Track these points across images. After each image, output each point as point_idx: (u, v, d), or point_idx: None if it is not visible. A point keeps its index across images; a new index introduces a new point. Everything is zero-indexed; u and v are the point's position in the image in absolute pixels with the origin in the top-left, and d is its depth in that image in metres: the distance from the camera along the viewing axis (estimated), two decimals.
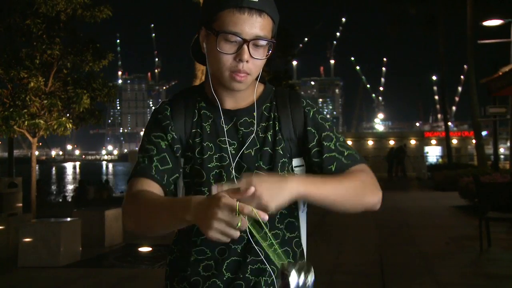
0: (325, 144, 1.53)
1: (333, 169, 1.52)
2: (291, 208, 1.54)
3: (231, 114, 1.55)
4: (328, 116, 1.57)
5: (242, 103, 1.56)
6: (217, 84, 1.53)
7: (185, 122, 1.56)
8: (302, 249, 1.62)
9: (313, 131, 1.55)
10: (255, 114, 1.54)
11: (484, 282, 6.05)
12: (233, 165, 1.50)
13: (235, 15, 1.40)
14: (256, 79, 1.54)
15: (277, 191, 1.26)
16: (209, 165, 1.50)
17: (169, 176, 1.50)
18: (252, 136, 1.52)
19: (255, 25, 1.41)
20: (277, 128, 1.55)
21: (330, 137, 1.54)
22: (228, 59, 1.43)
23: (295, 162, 1.56)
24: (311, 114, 1.57)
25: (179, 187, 1.56)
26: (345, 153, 1.54)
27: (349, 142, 1.64)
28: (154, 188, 1.47)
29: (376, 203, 1.52)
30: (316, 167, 1.54)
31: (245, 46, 1.41)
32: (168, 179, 1.50)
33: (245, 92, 1.54)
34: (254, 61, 1.45)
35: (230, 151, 1.51)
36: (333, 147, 1.53)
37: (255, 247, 1.45)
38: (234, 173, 1.49)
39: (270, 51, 1.50)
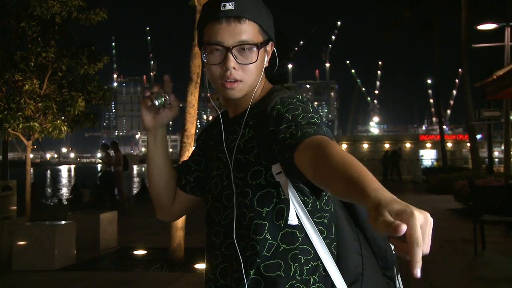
0: (280, 134, 1.30)
1: (281, 149, 1.28)
2: (273, 216, 1.41)
3: (229, 123, 1.58)
4: (311, 114, 1.35)
5: (238, 111, 1.57)
6: (222, 95, 1.56)
7: (208, 136, 1.68)
8: (311, 267, 1.42)
9: (274, 129, 1.34)
10: (241, 121, 1.52)
11: (479, 285, 6.06)
12: (226, 172, 1.52)
13: (215, 27, 1.43)
14: (261, 83, 1.54)
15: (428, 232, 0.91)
16: (212, 174, 1.60)
17: (193, 177, 1.72)
18: (235, 143, 1.51)
19: (235, 32, 1.43)
20: (250, 134, 1.46)
21: (289, 126, 1.30)
22: (216, 69, 1.46)
23: (275, 168, 1.36)
24: (276, 112, 1.38)
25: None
26: (305, 130, 1.26)
27: (344, 146, 1.60)
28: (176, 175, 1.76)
29: None
30: (277, 155, 1.31)
31: (229, 54, 1.42)
32: (190, 180, 1.73)
33: (243, 100, 1.53)
34: (244, 67, 1.45)
35: (223, 159, 1.54)
36: (288, 136, 1.27)
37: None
38: (226, 181, 1.52)
39: (269, 53, 1.52)
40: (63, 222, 7.71)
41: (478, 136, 24.31)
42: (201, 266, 6.75)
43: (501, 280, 6.32)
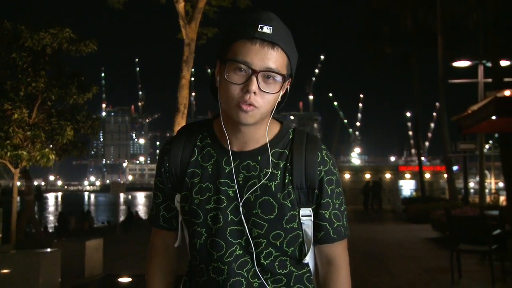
0: (321, 211, 1.49)
1: (319, 237, 1.51)
2: (296, 253, 1.53)
3: (235, 156, 1.48)
4: (336, 170, 1.54)
5: (249, 145, 1.48)
6: (226, 122, 1.47)
7: (181, 161, 1.53)
8: (314, 286, 1.60)
9: (318, 193, 1.49)
10: (259, 158, 1.46)
11: None
12: (231, 207, 1.45)
13: (246, 46, 1.36)
14: (269, 117, 1.48)
15: None
16: (206, 207, 1.46)
17: (176, 219, 1.59)
18: (252, 181, 1.45)
19: (267, 57, 1.36)
20: (286, 180, 1.47)
21: (328, 204, 1.50)
22: (235, 89, 1.37)
23: (303, 211, 1.50)
24: (321, 175, 1.49)
25: (184, 228, 1.57)
26: (334, 225, 1.51)
27: None
28: (165, 235, 1.64)
29: None
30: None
31: (254, 77, 1.35)
32: (176, 221, 1.60)
33: (254, 132, 1.46)
34: (264, 95, 1.38)
35: (229, 193, 1.46)
36: (327, 216, 1.50)
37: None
38: (230, 216, 1.45)
39: (285, 88, 1.46)
40: (48, 249, 7.58)
41: (455, 168, 24.55)
42: None
43: None
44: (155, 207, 1.62)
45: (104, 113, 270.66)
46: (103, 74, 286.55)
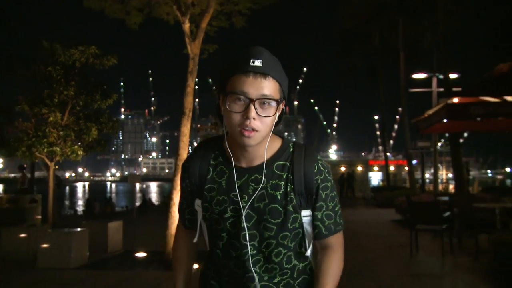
0: (315, 213, 1.49)
1: (314, 233, 1.51)
2: (297, 247, 1.53)
3: (244, 171, 1.46)
4: (330, 177, 1.52)
5: (255, 161, 1.46)
6: (233, 143, 1.45)
7: (199, 176, 1.52)
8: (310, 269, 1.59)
9: (314, 197, 1.49)
10: (264, 171, 1.44)
11: (413, 280, 6.13)
12: (244, 215, 1.44)
13: (241, 79, 1.34)
14: (269, 136, 1.45)
15: None
16: (225, 216, 1.46)
17: (194, 216, 1.59)
18: (261, 192, 1.44)
19: (260, 86, 1.34)
20: (289, 188, 1.46)
21: (321, 207, 1.49)
22: (236, 117, 1.35)
23: (304, 213, 1.50)
24: (318, 182, 1.48)
25: (204, 227, 1.55)
26: (326, 224, 1.50)
27: None
28: (188, 232, 1.65)
29: None
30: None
31: (251, 105, 1.33)
32: (194, 219, 1.59)
33: (258, 150, 1.44)
34: (262, 119, 1.35)
35: (242, 204, 1.44)
36: (319, 217, 1.49)
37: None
38: (244, 223, 1.44)
39: (280, 109, 1.43)
40: (78, 229, 7.62)
41: (414, 162, 24.55)
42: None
43: (430, 275, 6.42)
44: (181, 212, 1.64)
45: (122, 116, 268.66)
46: (122, 84, 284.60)
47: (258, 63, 1.34)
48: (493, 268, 6.19)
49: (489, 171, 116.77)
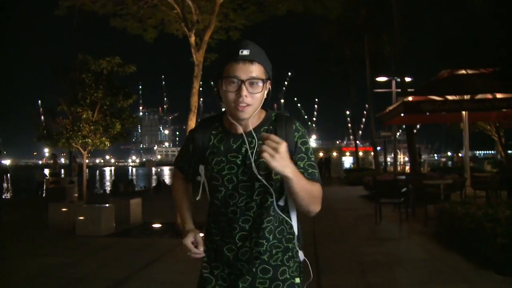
0: (298, 163, 1.44)
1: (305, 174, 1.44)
2: (270, 199, 1.45)
3: (238, 137, 1.47)
4: (306, 136, 1.49)
5: (247, 129, 1.45)
6: (230, 117, 1.45)
7: (202, 143, 1.52)
8: (291, 226, 1.52)
9: (295, 150, 1.45)
10: (254, 134, 1.43)
11: (377, 243, 6.21)
12: (240, 171, 1.44)
13: (233, 65, 1.36)
14: (258, 109, 1.43)
15: (283, 159, 1.22)
16: (223, 173, 1.45)
17: (189, 168, 1.61)
18: (251, 151, 1.43)
19: (249, 70, 1.36)
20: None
21: (303, 157, 1.45)
22: (232, 95, 1.37)
23: None
24: (296, 138, 1.47)
25: (206, 185, 1.52)
26: (309, 171, 1.45)
27: None
28: (183, 175, 1.66)
29: (315, 212, 1.45)
30: None
31: (243, 85, 1.35)
32: (189, 170, 1.61)
33: (249, 120, 1.43)
34: (252, 95, 1.37)
35: (237, 162, 1.45)
36: (301, 166, 1.44)
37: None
38: (240, 177, 1.44)
39: (267, 88, 1.43)
40: (107, 205, 7.66)
41: (378, 148, 24.72)
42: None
43: (390, 239, 6.50)
44: (179, 160, 1.65)
45: (141, 113, 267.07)
46: (140, 86, 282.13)
47: (246, 52, 1.36)
48: (438, 231, 6.31)
49: (435, 155, 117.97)
